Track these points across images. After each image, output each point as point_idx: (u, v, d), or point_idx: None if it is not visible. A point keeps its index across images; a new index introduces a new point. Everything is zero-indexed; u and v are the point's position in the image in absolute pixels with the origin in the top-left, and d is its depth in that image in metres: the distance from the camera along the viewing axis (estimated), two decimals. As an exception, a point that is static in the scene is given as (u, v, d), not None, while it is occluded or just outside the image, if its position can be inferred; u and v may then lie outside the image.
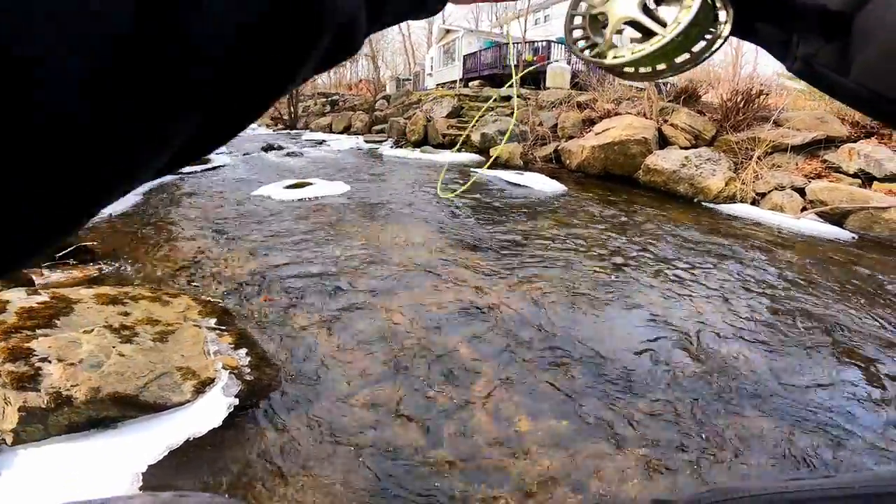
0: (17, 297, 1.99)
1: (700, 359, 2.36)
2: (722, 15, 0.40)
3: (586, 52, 0.42)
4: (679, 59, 0.40)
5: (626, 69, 0.42)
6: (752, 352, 2.46)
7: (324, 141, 13.63)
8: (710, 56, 0.40)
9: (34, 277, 2.86)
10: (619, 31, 0.41)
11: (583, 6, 0.43)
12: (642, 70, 0.41)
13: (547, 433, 1.76)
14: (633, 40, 0.41)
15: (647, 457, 1.69)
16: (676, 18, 0.38)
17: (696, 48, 0.40)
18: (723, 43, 0.40)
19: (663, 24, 0.39)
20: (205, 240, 3.95)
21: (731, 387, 2.14)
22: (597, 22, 0.43)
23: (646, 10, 0.40)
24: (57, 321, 1.78)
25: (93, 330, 1.79)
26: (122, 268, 3.24)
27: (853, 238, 5.08)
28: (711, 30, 0.40)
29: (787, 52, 0.41)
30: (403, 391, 1.96)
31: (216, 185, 6.55)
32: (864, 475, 0.56)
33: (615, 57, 0.40)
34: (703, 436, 1.81)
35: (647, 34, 0.39)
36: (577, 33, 0.44)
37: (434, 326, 2.52)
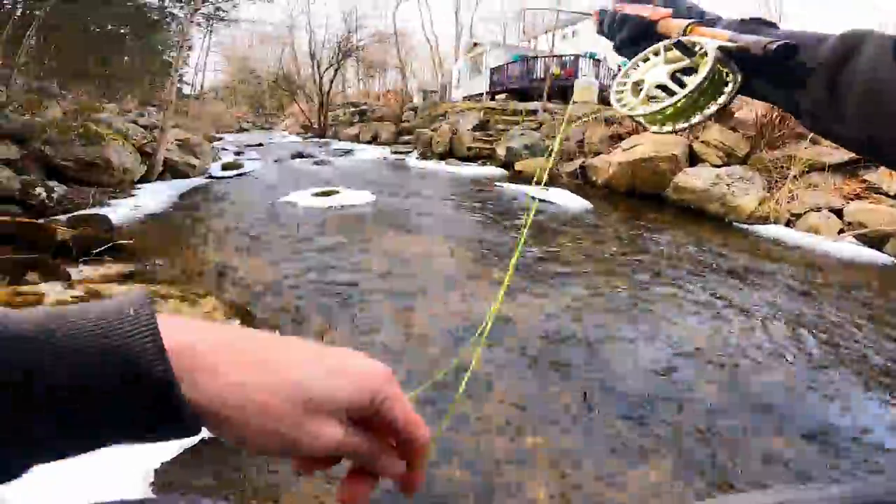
0: (53, 290, 2.07)
1: (720, 380, 2.27)
2: (729, 84, 0.50)
3: (623, 107, 0.56)
4: (695, 119, 0.51)
5: (650, 121, 0.55)
6: (776, 375, 2.35)
7: (351, 150, 13.87)
8: (714, 114, 0.51)
9: (70, 272, 2.97)
10: (654, 96, 0.54)
11: (632, 75, 0.57)
12: (666, 128, 0.54)
13: (561, 451, 1.71)
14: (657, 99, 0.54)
15: (660, 474, 1.62)
16: (689, 84, 0.49)
17: (708, 110, 0.51)
18: (722, 106, 0.50)
19: (683, 87, 0.50)
20: (233, 243, 4.05)
21: (752, 407, 2.05)
22: (637, 87, 0.56)
23: (675, 78, 0.52)
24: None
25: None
26: (154, 266, 3.34)
27: (893, 262, 4.85)
28: (723, 91, 0.50)
29: (797, 107, 0.46)
30: (421, 402, 1.95)
31: (246, 190, 6.73)
32: (857, 485, 0.54)
33: (642, 108, 0.53)
34: (722, 455, 1.74)
35: (672, 95, 0.51)
36: (624, 94, 0.57)
37: (455, 338, 2.50)
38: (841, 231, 5.52)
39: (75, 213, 4.62)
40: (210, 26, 16.11)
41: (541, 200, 6.59)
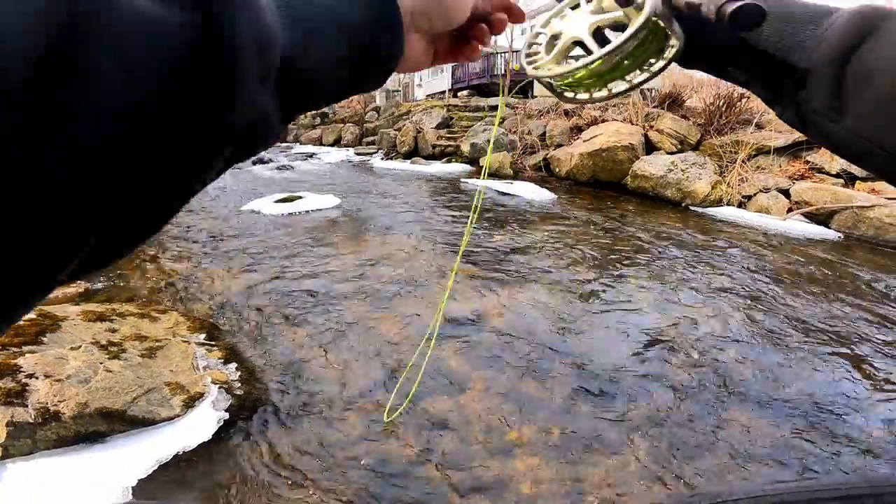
0: (2, 316, 1.97)
1: (692, 361, 2.37)
2: (666, 50, 0.40)
3: (531, 65, 0.45)
4: (617, 88, 0.43)
5: (560, 86, 0.45)
6: (742, 352, 2.48)
7: (314, 154, 13.64)
8: (642, 84, 0.42)
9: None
10: (573, 56, 0.44)
11: (548, 25, 0.47)
12: (580, 97, 0.44)
13: (540, 442, 1.76)
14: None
15: (640, 462, 1.69)
16: (612, 44, 0.39)
17: (635, 79, 0.42)
18: (652, 75, 0.41)
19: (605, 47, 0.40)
20: (193, 255, 3.93)
21: (724, 388, 2.16)
22: (554, 41, 0.45)
23: (597, 34, 0.42)
24: (43, 338, 1.76)
25: (80, 346, 1.77)
26: (110, 284, 3.21)
27: (839, 237, 5.17)
28: (652, 61, 0.41)
29: (778, 98, 0.39)
30: (395, 404, 1.95)
31: (203, 200, 6.53)
32: (848, 478, 0.58)
33: (548, 69, 0.43)
34: (697, 439, 1.82)
35: (588, 54, 0.41)
36: (535, 49, 0.47)
37: (423, 338, 2.52)
38: (789, 210, 5.84)
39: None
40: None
41: (505, 194, 6.68)
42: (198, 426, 1.66)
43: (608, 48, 0.39)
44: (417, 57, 0.38)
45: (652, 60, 0.41)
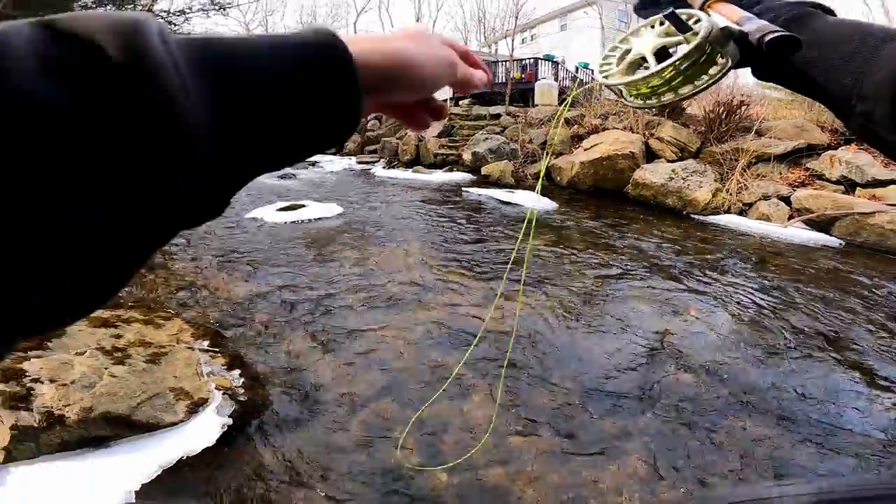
0: None
1: (693, 369, 2.37)
2: (715, 67, 0.46)
3: (601, 70, 0.53)
4: (666, 98, 0.49)
5: (625, 93, 0.52)
6: (744, 360, 2.48)
7: (316, 162, 13.71)
8: (689, 97, 0.49)
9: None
10: (639, 65, 0.51)
11: (625, 41, 0.53)
12: (636, 102, 0.51)
13: (544, 449, 1.76)
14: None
15: (640, 469, 1.69)
16: (669, 62, 0.46)
17: (681, 91, 0.48)
18: (697, 90, 0.47)
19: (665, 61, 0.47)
20: (197, 263, 3.95)
21: (724, 395, 2.16)
22: (625, 57, 0.52)
23: (662, 53, 0.48)
24: (49, 343, 1.78)
25: (85, 352, 1.78)
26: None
27: (840, 244, 5.17)
28: (704, 76, 0.47)
29: (848, 111, 0.41)
30: (398, 410, 1.96)
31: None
32: (846, 480, 0.58)
33: (610, 76, 0.51)
34: (699, 445, 1.82)
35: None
36: (608, 60, 0.53)
37: (427, 345, 2.52)
38: (790, 217, 5.84)
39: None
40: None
41: (506, 203, 6.71)
42: (202, 432, 1.66)
43: (664, 63, 0.45)
44: None
45: (704, 77, 0.47)
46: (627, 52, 0.52)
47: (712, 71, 0.46)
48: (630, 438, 1.83)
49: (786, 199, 6.08)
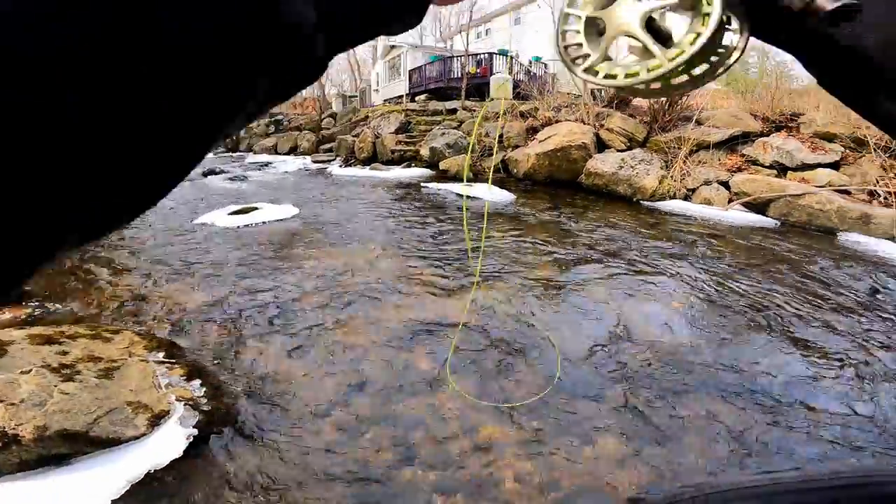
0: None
1: (646, 348, 2.51)
2: (732, 36, 0.34)
3: (578, 64, 0.37)
4: (677, 81, 0.35)
5: (622, 88, 0.37)
6: (696, 340, 2.65)
7: (269, 163, 13.32)
8: (712, 79, 0.36)
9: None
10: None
11: (581, 7, 0.38)
12: (638, 86, 0.36)
13: (512, 437, 1.82)
14: (631, 50, 0.37)
15: (605, 454, 1.78)
16: (681, 43, 0.33)
17: (697, 71, 0.35)
18: (739, 56, 0.34)
19: (666, 40, 0.34)
20: (145, 272, 3.77)
21: (679, 373, 2.30)
22: (593, 27, 0.37)
23: (650, 23, 0.35)
24: (-12, 365, 1.66)
25: (31, 370, 1.68)
26: (55, 307, 3.03)
27: (776, 224, 5.57)
28: (720, 50, 0.34)
29: (875, 105, 0.32)
30: (366, 409, 1.97)
31: (154, 214, 6.25)
32: (829, 469, 0.60)
33: (607, 76, 0.35)
34: (654, 424, 1.94)
35: (648, 50, 0.34)
36: (571, 38, 0.37)
37: (392, 343, 2.53)
38: (730, 201, 6.24)
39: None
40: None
41: (466, 197, 6.78)
42: (167, 444, 1.61)
43: (688, 54, 0.32)
44: None
45: (721, 51, 0.35)
46: (594, 23, 0.37)
47: (726, 42, 0.34)
48: (585, 421, 1.92)
49: (725, 184, 6.48)
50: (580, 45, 0.37)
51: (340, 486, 1.54)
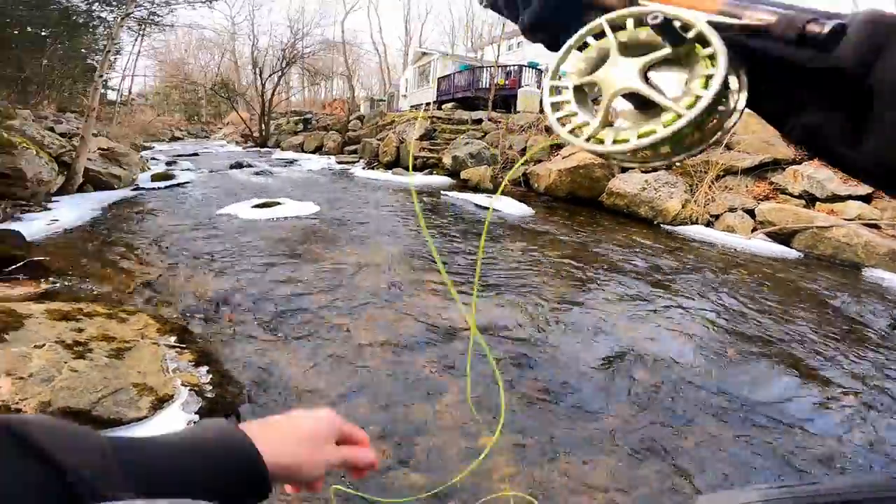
0: (-39, 312, 1.90)
1: (658, 374, 2.45)
2: (732, 81, 0.31)
3: (577, 135, 0.34)
4: (689, 141, 0.32)
5: (632, 160, 0.34)
6: (707, 366, 2.58)
7: (295, 160, 13.55)
8: (724, 135, 0.32)
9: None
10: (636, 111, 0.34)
11: (567, 76, 0.35)
12: (642, 152, 0.32)
13: (512, 449, 1.79)
14: (622, 115, 0.34)
15: (612, 472, 1.74)
16: (688, 91, 0.30)
17: (707, 126, 0.32)
18: (738, 119, 0.32)
19: (665, 95, 0.31)
20: (165, 258, 3.86)
21: (688, 400, 2.24)
22: (583, 93, 0.35)
23: (646, 77, 0.32)
24: (6, 335, 1.71)
25: (44, 345, 1.72)
26: (77, 284, 3.12)
27: (799, 256, 5.41)
28: (723, 99, 0.32)
29: (786, 118, 0.34)
30: (370, 412, 1.96)
31: (180, 202, 6.41)
32: (842, 482, 0.57)
33: (616, 141, 0.32)
34: (665, 449, 1.88)
35: (649, 106, 0.32)
36: (562, 110, 0.35)
37: (400, 347, 2.53)
38: (754, 229, 6.09)
39: (-18, 230, 4.21)
40: (142, 30, 15.11)
41: (484, 208, 6.77)
42: (167, 428, 1.63)
43: (706, 101, 0.29)
44: None
45: (725, 104, 0.33)
46: (583, 90, 0.35)
47: (737, 103, 0.32)
48: (591, 442, 1.88)
49: (750, 212, 6.33)
50: (574, 114, 0.35)
51: (335, 483, 1.53)
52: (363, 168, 11.82)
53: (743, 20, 0.29)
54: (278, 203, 6.19)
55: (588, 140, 0.34)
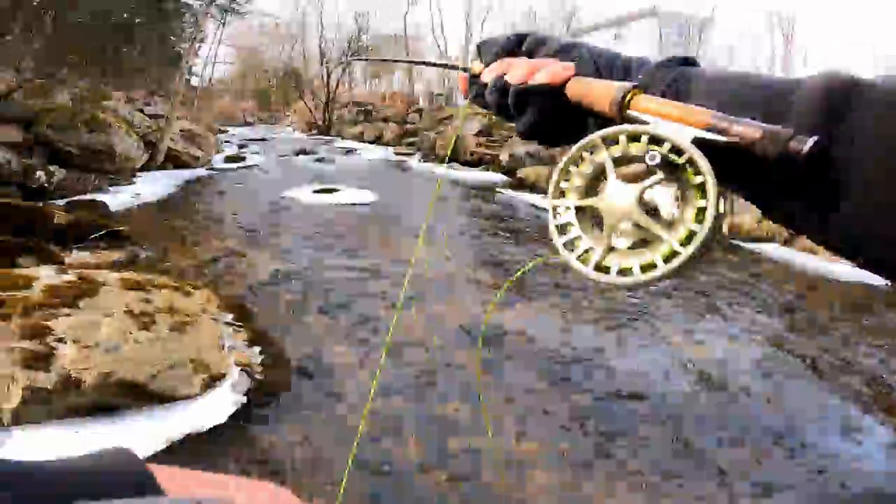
0: (46, 275, 2.05)
1: (717, 390, 2.25)
2: (720, 204, 0.31)
3: (584, 261, 0.34)
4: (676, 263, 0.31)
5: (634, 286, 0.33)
6: (766, 388, 2.34)
7: (355, 149, 13.88)
8: (706, 255, 0.32)
9: (64, 256, 2.96)
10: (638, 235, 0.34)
11: (568, 196, 0.36)
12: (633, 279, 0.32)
13: (552, 455, 1.69)
14: (622, 233, 0.34)
15: (659, 487, 1.61)
16: (682, 217, 0.30)
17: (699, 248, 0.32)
18: (718, 238, 0.31)
19: (663, 221, 0.31)
20: (231, 236, 4.04)
21: (751, 427, 2.03)
22: (584, 213, 0.35)
23: (642, 202, 0.32)
24: (80, 302, 1.82)
25: (113, 313, 1.82)
26: (150, 255, 3.32)
27: (887, 284, 4.83)
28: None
29: (764, 211, 0.33)
30: (414, 405, 1.93)
31: (248, 184, 6.72)
32: None
33: (621, 271, 0.32)
34: (725, 473, 1.72)
35: (644, 231, 0.32)
36: (568, 233, 0.35)
37: (450, 342, 2.48)
38: (840, 253, 5.51)
39: (73, 198, 4.61)
40: (224, 18, 16.08)
41: (542, 209, 6.59)
42: (214, 408, 1.67)
43: (706, 232, 0.29)
44: None
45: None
46: (584, 210, 0.35)
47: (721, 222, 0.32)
48: (640, 455, 1.74)
49: (838, 234, 5.75)
50: (579, 237, 0.35)
51: (370, 475, 1.50)
52: (419, 160, 11.90)
53: (730, 135, 0.29)
54: (338, 189, 6.35)
55: (596, 269, 0.34)
